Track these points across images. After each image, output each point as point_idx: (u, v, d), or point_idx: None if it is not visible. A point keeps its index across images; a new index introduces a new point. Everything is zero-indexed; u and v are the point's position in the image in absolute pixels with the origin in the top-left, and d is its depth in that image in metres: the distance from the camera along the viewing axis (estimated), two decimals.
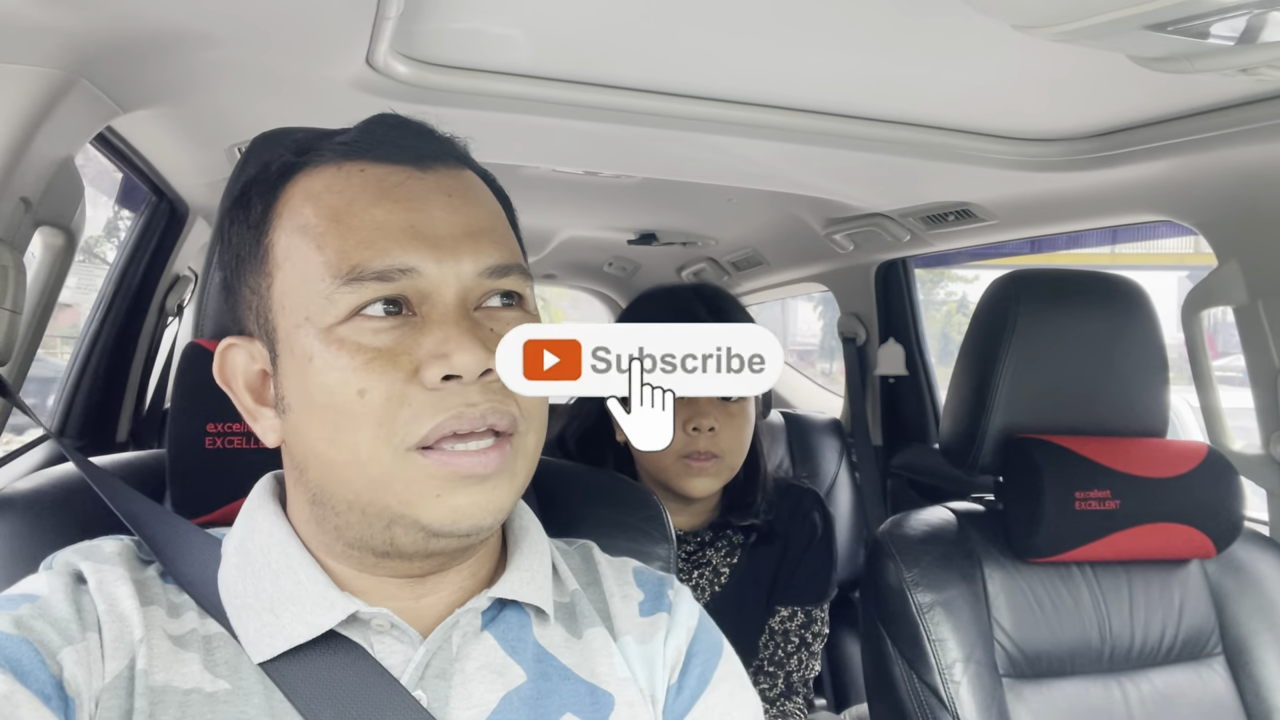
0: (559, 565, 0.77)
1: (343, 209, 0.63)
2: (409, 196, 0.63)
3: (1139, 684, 1.30)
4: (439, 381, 0.60)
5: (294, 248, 0.63)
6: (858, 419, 2.59)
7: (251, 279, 0.66)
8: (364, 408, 0.60)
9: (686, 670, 0.74)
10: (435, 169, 0.66)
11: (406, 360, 0.60)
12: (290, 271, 0.63)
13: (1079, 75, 1.18)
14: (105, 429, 1.91)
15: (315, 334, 0.61)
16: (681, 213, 2.46)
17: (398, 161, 0.65)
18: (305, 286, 0.62)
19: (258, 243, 0.66)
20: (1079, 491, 1.26)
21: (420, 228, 0.62)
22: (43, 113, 0.94)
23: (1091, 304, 1.36)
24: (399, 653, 0.66)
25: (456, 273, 0.62)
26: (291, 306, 0.63)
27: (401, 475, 0.60)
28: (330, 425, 0.61)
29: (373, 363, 0.60)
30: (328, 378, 0.61)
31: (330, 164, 0.65)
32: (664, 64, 1.24)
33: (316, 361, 0.61)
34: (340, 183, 0.64)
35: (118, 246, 1.96)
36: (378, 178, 0.64)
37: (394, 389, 0.60)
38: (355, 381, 0.60)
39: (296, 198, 0.65)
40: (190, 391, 0.83)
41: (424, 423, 0.60)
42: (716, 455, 1.36)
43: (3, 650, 0.55)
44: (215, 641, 0.64)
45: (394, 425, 0.60)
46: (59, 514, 0.80)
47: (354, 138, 0.66)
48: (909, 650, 1.24)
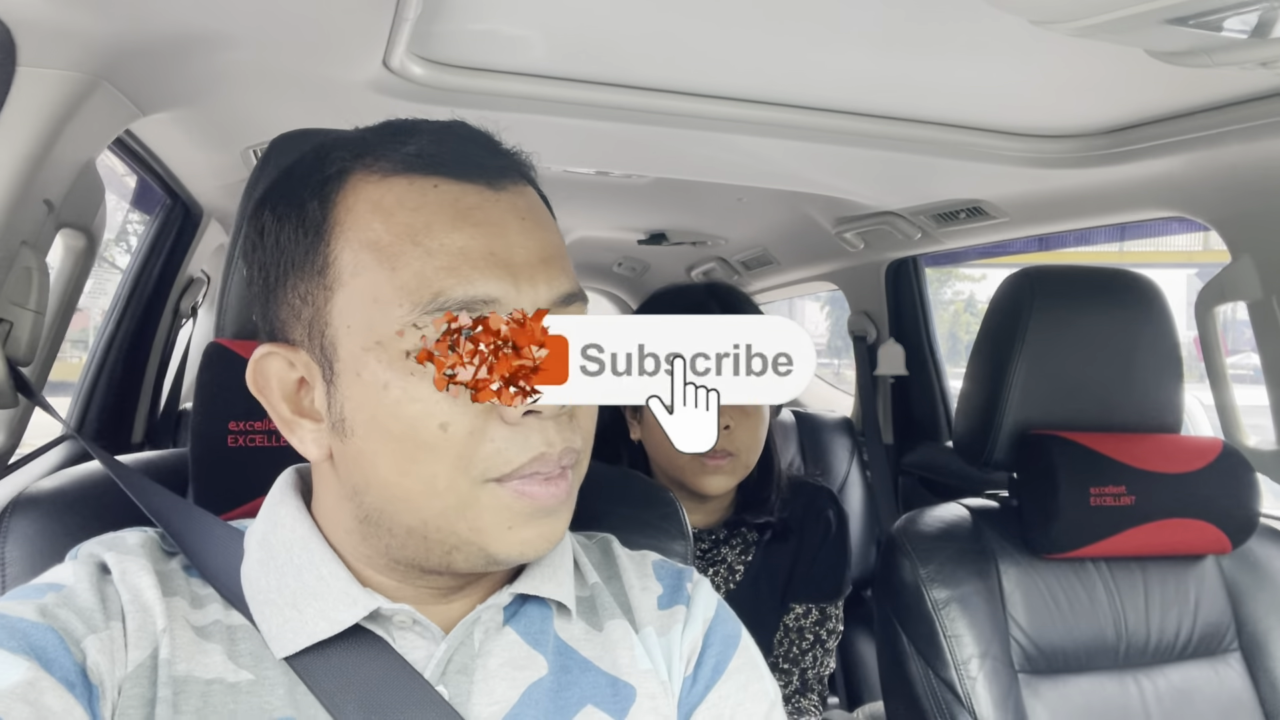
0: (579, 559, 0.78)
1: (420, 230, 0.60)
2: (487, 220, 0.61)
3: (1155, 680, 1.30)
4: (520, 417, 0.60)
5: (364, 265, 0.60)
6: (869, 417, 2.59)
7: (303, 286, 0.63)
8: (446, 441, 0.59)
9: (701, 661, 0.75)
10: (507, 188, 0.64)
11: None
12: (358, 290, 0.60)
13: (1092, 71, 1.18)
14: (121, 431, 1.92)
15: (390, 361, 0.59)
16: (692, 212, 2.47)
17: (472, 179, 0.63)
18: (378, 309, 0.59)
19: (315, 249, 0.62)
20: (1094, 487, 1.26)
21: (500, 255, 0.60)
22: (65, 115, 0.95)
23: (1105, 300, 1.36)
24: (421, 648, 0.66)
25: (534, 301, 0.61)
26: (358, 327, 0.60)
27: (475, 505, 0.60)
28: (405, 456, 0.60)
29: (456, 396, 0.59)
30: (408, 409, 0.59)
31: (400, 175, 0.62)
32: (678, 63, 1.24)
33: (394, 391, 0.59)
34: (414, 199, 0.61)
35: (129, 251, 1.97)
36: (454, 197, 0.62)
37: (476, 422, 0.59)
38: (439, 415, 0.58)
39: (362, 207, 0.61)
40: (212, 391, 0.84)
41: (508, 460, 0.60)
42: (732, 454, 1.36)
43: (28, 638, 0.56)
44: (239, 633, 0.65)
45: (474, 459, 0.59)
46: (81, 512, 0.81)
47: (425, 149, 0.62)
48: (925, 646, 1.25)
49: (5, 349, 0.93)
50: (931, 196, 1.87)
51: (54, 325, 1.11)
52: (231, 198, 1.84)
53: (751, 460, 1.41)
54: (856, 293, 2.65)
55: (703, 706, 0.73)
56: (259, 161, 0.90)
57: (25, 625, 0.56)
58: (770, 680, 0.77)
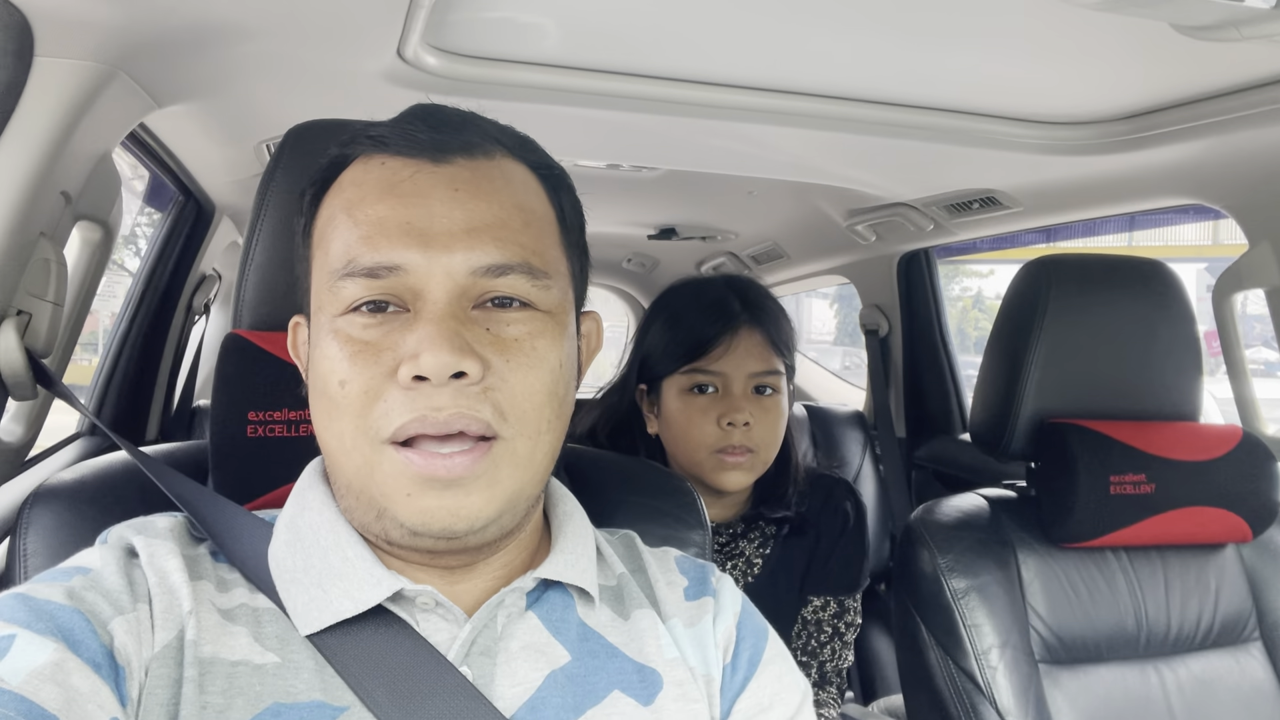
0: (604, 550, 0.78)
1: (355, 203, 0.64)
2: (414, 191, 0.63)
3: (1176, 670, 1.30)
4: (410, 381, 0.60)
5: (321, 239, 0.67)
6: (881, 411, 2.58)
7: (301, 264, 0.71)
8: (344, 398, 0.61)
9: (738, 653, 0.75)
10: (453, 161, 0.65)
11: (390, 356, 0.61)
12: (316, 261, 0.67)
13: (1110, 55, 1.17)
14: (135, 428, 1.93)
15: (323, 323, 0.64)
16: (702, 206, 2.46)
17: (414, 155, 0.65)
18: (320, 276, 0.66)
19: (305, 230, 0.70)
20: (1114, 475, 1.25)
21: (416, 224, 0.62)
22: (83, 106, 0.95)
23: (1123, 288, 1.35)
24: (444, 630, 0.66)
25: (447, 270, 0.62)
26: (315, 293, 0.67)
27: (379, 468, 0.61)
28: (322, 411, 0.64)
29: (356, 356, 0.61)
30: (321, 366, 0.63)
31: (362, 157, 0.67)
32: (691, 51, 1.24)
33: (317, 350, 0.65)
34: (360, 176, 0.66)
35: (138, 254, 1.97)
36: (391, 171, 0.65)
37: (372, 383, 0.61)
38: (339, 372, 0.62)
39: (333, 190, 0.67)
40: (231, 381, 0.84)
41: (393, 420, 0.60)
42: (751, 449, 1.36)
43: (55, 620, 0.56)
44: (264, 616, 0.65)
45: (369, 418, 0.61)
46: (101, 505, 0.81)
47: (383, 131, 0.66)
48: (944, 637, 1.24)
49: (25, 340, 0.93)
50: (945, 186, 1.87)
51: (72, 317, 1.12)
52: (243, 193, 1.84)
53: (770, 456, 1.40)
54: (868, 286, 2.64)
55: (744, 696, 0.73)
56: (275, 151, 0.90)
57: (53, 607, 0.57)
58: (799, 672, 0.78)
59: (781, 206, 2.33)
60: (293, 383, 0.82)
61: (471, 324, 0.62)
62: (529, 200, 0.67)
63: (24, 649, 0.53)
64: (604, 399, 1.51)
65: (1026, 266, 1.37)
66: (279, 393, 0.83)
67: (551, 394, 0.65)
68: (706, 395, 1.36)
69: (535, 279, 0.64)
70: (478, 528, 0.62)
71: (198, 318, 2.14)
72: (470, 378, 0.60)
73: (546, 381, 0.64)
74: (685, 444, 1.38)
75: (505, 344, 0.63)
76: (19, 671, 0.52)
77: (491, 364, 0.61)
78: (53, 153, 0.93)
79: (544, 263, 0.66)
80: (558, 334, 0.66)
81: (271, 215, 0.88)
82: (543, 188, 0.70)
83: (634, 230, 2.80)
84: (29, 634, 0.54)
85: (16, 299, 0.94)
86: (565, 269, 0.70)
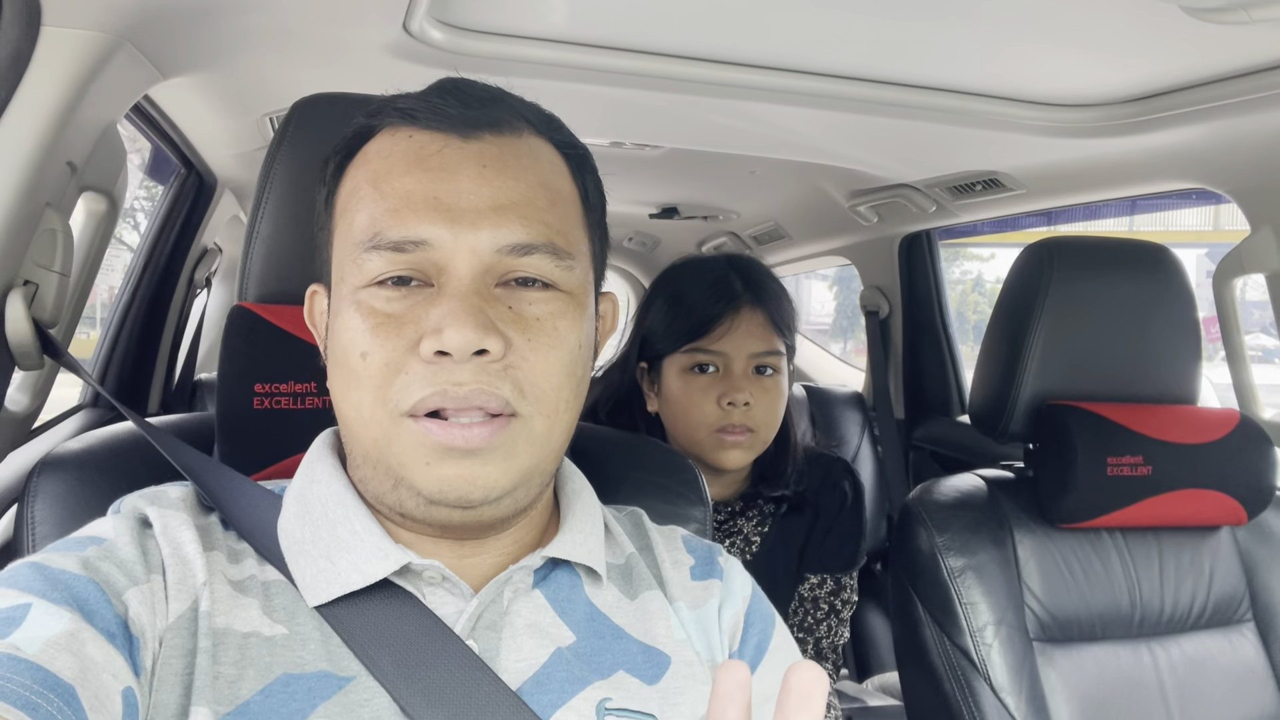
0: (612, 527, 0.78)
1: (381, 175, 0.64)
2: (441, 166, 0.63)
3: (1169, 649, 1.31)
4: (432, 355, 0.60)
5: (344, 209, 0.67)
6: (880, 392, 2.59)
7: (321, 233, 0.71)
8: (365, 370, 0.62)
9: (745, 639, 0.76)
10: (481, 137, 0.65)
11: (412, 330, 0.61)
12: (339, 231, 0.67)
13: (1116, 38, 1.17)
14: (137, 401, 1.93)
15: (345, 294, 0.64)
16: (704, 185, 2.46)
17: (442, 129, 0.65)
18: (344, 247, 0.66)
19: (327, 199, 0.70)
20: (1111, 457, 1.26)
21: (443, 199, 0.62)
22: (89, 76, 0.94)
23: (1124, 270, 1.35)
24: (450, 604, 0.67)
25: (472, 247, 0.62)
26: (337, 264, 0.67)
27: (398, 439, 0.62)
28: (342, 382, 0.64)
29: (379, 328, 0.62)
30: (343, 337, 0.64)
31: (388, 129, 0.66)
32: (697, 28, 1.23)
33: (338, 320, 0.65)
34: (387, 148, 0.65)
35: (135, 228, 1.97)
36: (419, 145, 0.64)
37: (394, 356, 0.61)
38: (360, 344, 0.62)
39: (358, 160, 0.67)
40: (237, 353, 0.84)
41: (413, 393, 0.61)
42: (751, 429, 1.36)
43: (70, 589, 0.56)
44: (273, 588, 0.65)
45: (390, 390, 0.61)
46: (108, 474, 0.81)
47: (411, 103, 0.66)
48: (940, 614, 1.25)
49: (31, 310, 0.93)
50: (948, 168, 1.86)
51: (78, 288, 1.12)
52: (246, 167, 1.84)
53: (769, 436, 1.41)
54: (869, 267, 2.64)
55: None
56: (281, 124, 0.90)
57: (68, 577, 0.57)
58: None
59: (783, 186, 2.32)
60: (299, 355, 0.83)
61: (494, 301, 0.62)
62: (555, 179, 0.68)
63: (40, 618, 0.54)
64: (604, 377, 1.52)
65: (1029, 248, 1.37)
66: (285, 365, 0.84)
67: (570, 374, 0.65)
68: (707, 375, 1.37)
69: (559, 259, 0.65)
70: (493, 498, 0.63)
71: (199, 291, 2.14)
72: (492, 355, 0.60)
73: (566, 362, 0.65)
74: (685, 423, 1.38)
75: (527, 323, 0.63)
76: (35, 640, 0.52)
77: (513, 342, 0.62)
78: (59, 123, 0.92)
79: (568, 243, 0.66)
80: (578, 315, 0.66)
81: (277, 188, 0.88)
82: (567, 167, 0.70)
83: (635, 209, 2.79)
84: (45, 603, 0.55)
85: (23, 269, 0.94)
86: (587, 249, 0.70)
